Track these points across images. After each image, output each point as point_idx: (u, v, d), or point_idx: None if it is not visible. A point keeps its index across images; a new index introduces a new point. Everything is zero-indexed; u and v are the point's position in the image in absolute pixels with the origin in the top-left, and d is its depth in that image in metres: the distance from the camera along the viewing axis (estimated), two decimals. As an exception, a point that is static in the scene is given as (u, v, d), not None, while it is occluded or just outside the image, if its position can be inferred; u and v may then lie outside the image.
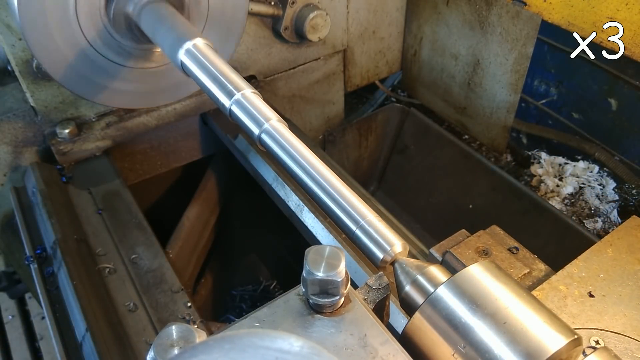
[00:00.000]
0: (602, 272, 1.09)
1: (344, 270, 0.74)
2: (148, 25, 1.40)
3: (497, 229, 1.24)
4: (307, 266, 0.74)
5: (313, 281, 0.74)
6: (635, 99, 2.15)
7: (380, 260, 0.89)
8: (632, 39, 1.69)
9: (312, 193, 1.02)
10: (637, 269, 1.09)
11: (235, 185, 2.29)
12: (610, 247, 1.14)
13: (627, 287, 1.06)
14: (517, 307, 0.76)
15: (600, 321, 1.01)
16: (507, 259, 1.16)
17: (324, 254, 0.74)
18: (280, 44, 2.13)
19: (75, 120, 1.81)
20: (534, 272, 1.14)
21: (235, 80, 1.18)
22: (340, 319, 0.75)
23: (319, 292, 0.75)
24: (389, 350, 0.73)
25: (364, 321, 0.75)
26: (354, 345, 0.72)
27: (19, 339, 2.31)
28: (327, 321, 0.75)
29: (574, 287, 1.07)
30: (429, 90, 2.65)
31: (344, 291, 0.76)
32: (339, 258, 0.74)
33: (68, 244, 1.48)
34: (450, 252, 1.16)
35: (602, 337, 0.98)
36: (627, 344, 0.96)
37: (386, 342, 0.74)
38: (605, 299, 1.04)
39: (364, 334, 0.74)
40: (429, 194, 2.58)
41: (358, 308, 0.77)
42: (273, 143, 1.08)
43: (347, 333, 0.74)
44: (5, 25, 1.56)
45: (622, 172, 2.23)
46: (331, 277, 0.72)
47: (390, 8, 2.44)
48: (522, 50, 2.06)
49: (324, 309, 0.77)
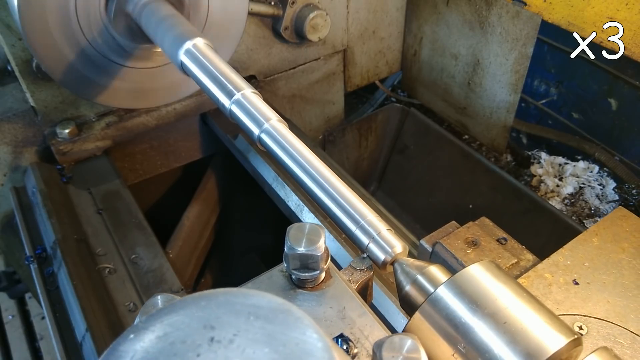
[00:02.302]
0: (587, 260, 1.12)
1: (323, 245, 0.77)
2: (148, 25, 1.40)
3: (486, 221, 1.26)
4: (289, 242, 0.77)
5: (294, 256, 0.77)
6: (635, 99, 2.15)
7: (381, 260, 0.90)
8: (632, 39, 1.69)
9: (312, 193, 1.02)
10: (621, 257, 1.12)
11: (235, 185, 2.29)
12: (596, 236, 1.16)
13: (611, 275, 1.08)
14: (517, 307, 0.76)
15: (584, 307, 1.03)
16: (495, 249, 1.18)
17: (305, 231, 0.78)
18: (280, 44, 2.13)
19: (75, 120, 1.81)
20: (521, 262, 1.17)
21: (235, 80, 1.18)
22: (321, 293, 0.79)
23: (300, 267, 0.78)
24: (366, 321, 0.77)
25: (343, 295, 0.79)
26: (333, 317, 0.76)
27: (19, 339, 2.31)
28: (309, 295, 0.79)
29: (559, 275, 1.09)
30: (429, 90, 2.65)
31: (323, 266, 0.79)
32: (319, 234, 0.77)
33: (68, 244, 1.48)
34: (440, 242, 1.18)
35: (586, 323, 1.00)
36: (609, 330, 0.99)
37: (364, 314, 0.78)
38: (590, 286, 1.07)
39: (343, 307, 0.78)
40: (429, 194, 2.58)
41: (338, 283, 0.81)
42: (273, 143, 1.08)
43: (327, 306, 0.78)
44: (5, 25, 1.56)
45: (622, 172, 2.23)
46: (311, 251, 0.76)
47: (390, 8, 2.44)
48: (522, 50, 2.06)
49: (305, 283, 0.80)
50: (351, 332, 0.75)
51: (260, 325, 0.50)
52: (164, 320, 0.51)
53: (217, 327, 0.50)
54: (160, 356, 0.48)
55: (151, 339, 0.49)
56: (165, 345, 0.49)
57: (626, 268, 1.09)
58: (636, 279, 1.07)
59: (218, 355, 0.48)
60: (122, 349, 0.49)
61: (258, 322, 0.51)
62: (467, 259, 1.15)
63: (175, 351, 0.48)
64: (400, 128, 2.67)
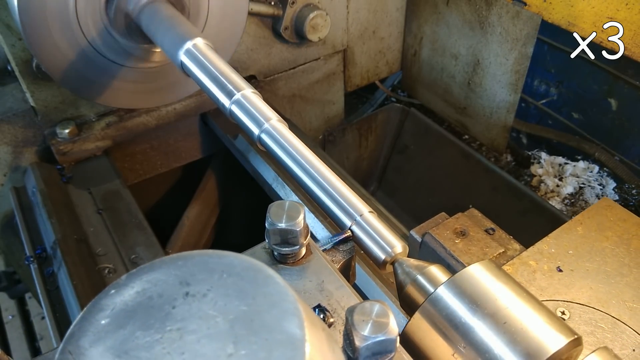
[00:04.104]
0: (571, 248, 1.13)
1: (302, 221, 0.80)
2: (148, 25, 1.40)
3: (475, 212, 1.28)
4: (270, 218, 0.80)
5: (274, 231, 0.80)
6: (635, 99, 2.15)
7: (381, 260, 0.90)
8: (632, 39, 1.69)
9: (312, 193, 1.02)
10: (604, 245, 1.13)
11: (235, 185, 2.29)
12: (581, 225, 1.18)
13: (594, 262, 1.10)
14: (517, 307, 0.76)
15: (567, 294, 1.05)
16: (483, 239, 1.20)
17: (285, 208, 0.81)
18: (280, 44, 2.13)
19: (75, 120, 1.81)
20: (508, 252, 1.18)
21: (235, 80, 1.18)
22: (301, 268, 0.83)
23: (281, 242, 0.81)
24: (343, 294, 0.80)
25: (322, 270, 0.83)
26: (312, 290, 0.80)
27: (19, 339, 2.31)
28: (290, 270, 0.83)
29: (544, 262, 1.11)
30: (429, 90, 2.65)
31: (303, 241, 0.82)
32: (299, 211, 0.80)
33: (68, 244, 1.48)
34: (429, 233, 1.21)
35: (568, 308, 1.02)
36: (591, 315, 1.01)
37: (341, 287, 0.81)
38: (573, 273, 1.08)
39: (322, 281, 0.81)
40: (429, 194, 2.58)
41: (318, 259, 0.84)
42: (273, 143, 1.08)
43: (307, 280, 0.82)
44: (5, 25, 1.56)
45: (622, 172, 2.23)
46: (291, 226, 0.79)
47: (390, 8, 2.44)
48: (522, 50, 2.06)
49: (287, 259, 0.84)
50: (328, 303, 0.79)
51: (233, 282, 0.54)
52: (143, 278, 0.55)
53: (192, 284, 0.54)
54: (138, 308, 0.53)
55: (130, 294, 0.54)
56: (144, 299, 0.53)
57: (609, 256, 1.11)
58: (619, 266, 1.09)
59: (192, 307, 0.52)
60: (103, 302, 0.54)
61: (231, 279, 0.54)
62: (455, 248, 1.18)
63: (152, 304, 0.53)
64: (400, 128, 2.67)
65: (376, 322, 0.64)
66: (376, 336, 0.63)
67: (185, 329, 0.51)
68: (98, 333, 0.51)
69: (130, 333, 0.51)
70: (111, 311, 0.53)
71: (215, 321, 0.51)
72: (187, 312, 0.52)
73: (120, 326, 0.51)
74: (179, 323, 0.51)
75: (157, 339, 0.50)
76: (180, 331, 0.50)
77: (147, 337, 0.50)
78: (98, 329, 0.52)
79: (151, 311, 0.52)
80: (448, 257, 1.17)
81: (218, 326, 0.50)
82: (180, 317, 0.52)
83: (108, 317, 0.52)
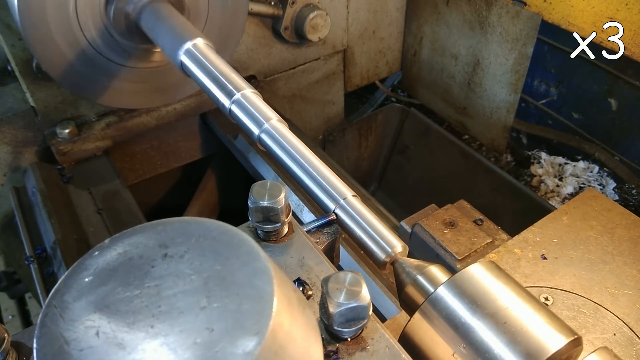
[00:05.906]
0: (556, 237, 1.15)
1: (283, 199, 0.83)
2: (148, 25, 1.40)
3: (464, 203, 1.30)
4: (252, 197, 0.83)
5: (257, 209, 0.83)
6: (635, 99, 2.15)
7: (381, 260, 0.90)
8: (632, 39, 1.69)
9: (311, 193, 1.02)
10: (589, 234, 1.15)
11: (235, 185, 2.29)
12: (566, 215, 1.19)
13: (578, 251, 1.12)
14: (517, 307, 0.76)
15: (551, 280, 1.06)
16: (472, 229, 1.22)
17: (267, 187, 0.84)
18: (280, 44, 2.13)
19: (75, 120, 1.81)
20: (496, 242, 1.20)
21: (235, 80, 1.18)
22: (283, 246, 0.86)
23: (263, 220, 0.84)
24: (322, 269, 0.83)
25: (303, 247, 0.86)
26: (293, 265, 0.84)
27: (19, 339, 2.31)
28: (273, 247, 0.86)
29: (529, 250, 1.12)
30: (429, 90, 2.65)
31: (284, 219, 0.85)
32: (280, 190, 0.84)
33: (68, 244, 1.48)
34: (418, 223, 1.23)
35: (552, 295, 1.04)
36: (574, 300, 1.03)
37: (321, 262, 0.84)
38: (557, 261, 1.10)
39: (303, 257, 0.85)
40: (429, 194, 2.58)
41: (299, 237, 0.88)
42: (273, 143, 1.08)
43: (288, 256, 0.85)
44: (5, 25, 1.56)
45: (622, 172, 2.23)
46: (272, 204, 0.82)
47: (390, 8, 2.44)
48: (522, 50, 2.06)
49: (270, 236, 0.87)
50: (308, 277, 0.82)
51: (209, 244, 0.58)
52: (124, 241, 0.60)
53: (171, 246, 0.59)
54: (119, 267, 0.57)
55: (112, 255, 0.58)
56: (125, 259, 0.58)
57: (593, 244, 1.13)
58: (602, 254, 1.10)
59: (170, 266, 0.56)
60: (87, 262, 0.58)
61: (207, 242, 0.59)
62: (444, 238, 1.19)
63: (133, 264, 0.57)
64: (400, 128, 2.67)
65: (349, 290, 0.68)
66: (349, 303, 0.67)
67: (162, 285, 0.55)
68: (81, 289, 0.55)
69: (111, 289, 0.55)
70: (94, 270, 0.57)
71: (191, 279, 0.55)
72: (165, 270, 0.56)
73: (102, 283, 0.56)
74: (157, 280, 0.55)
75: (136, 294, 0.54)
76: (158, 287, 0.55)
77: (127, 292, 0.55)
78: (81, 286, 0.56)
79: (131, 270, 0.56)
80: (437, 247, 1.20)
81: (193, 283, 0.55)
82: (159, 275, 0.56)
83: (91, 276, 0.56)
